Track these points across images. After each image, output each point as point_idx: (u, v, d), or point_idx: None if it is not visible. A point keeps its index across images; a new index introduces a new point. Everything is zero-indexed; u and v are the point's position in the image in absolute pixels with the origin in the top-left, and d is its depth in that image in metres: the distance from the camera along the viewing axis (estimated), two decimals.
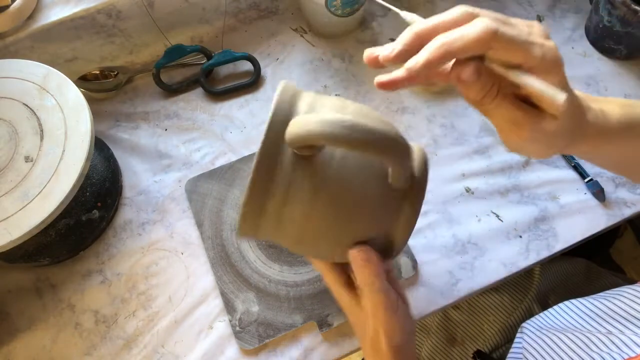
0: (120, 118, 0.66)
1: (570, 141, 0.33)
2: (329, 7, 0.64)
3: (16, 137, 0.51)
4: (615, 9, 0.62)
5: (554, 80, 0.29)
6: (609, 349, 0.42)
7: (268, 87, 0.68)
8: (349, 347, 0.53)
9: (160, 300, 0.55)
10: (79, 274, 0.57)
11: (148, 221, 0.59)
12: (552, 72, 0.29)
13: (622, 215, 0.59)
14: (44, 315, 0.55)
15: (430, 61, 0.27)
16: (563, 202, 0.60)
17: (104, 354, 0.53)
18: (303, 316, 0.53)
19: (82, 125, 0.51)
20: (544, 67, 0.28)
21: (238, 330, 0.53)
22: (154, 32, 0.68)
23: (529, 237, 0.58)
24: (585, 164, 0.61)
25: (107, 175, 0.58)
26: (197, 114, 0.66)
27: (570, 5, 0.74)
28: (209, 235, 0.58)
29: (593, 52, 0.70)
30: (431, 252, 0.57)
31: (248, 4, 0.71)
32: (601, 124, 0.34)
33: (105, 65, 0.68)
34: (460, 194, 0.60)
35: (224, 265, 0.56)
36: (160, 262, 0.57)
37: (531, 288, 0.65)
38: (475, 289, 0.55)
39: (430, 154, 0.63)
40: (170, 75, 0.69)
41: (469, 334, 0.66)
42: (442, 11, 0.29)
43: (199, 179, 0.61)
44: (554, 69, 0.29)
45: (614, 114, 0.35)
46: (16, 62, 0.55)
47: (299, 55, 0.70)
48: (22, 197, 0.48)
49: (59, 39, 0.63)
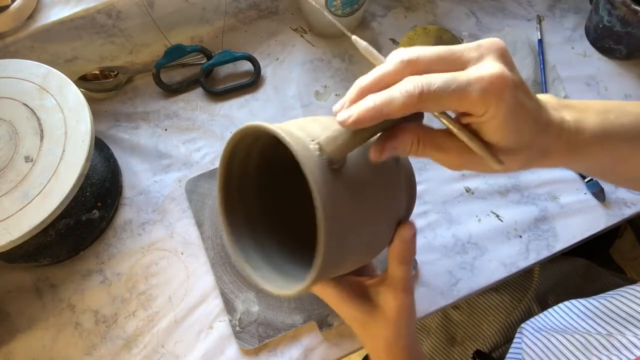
0: (120, 118, 0.66)
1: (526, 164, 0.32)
2: (329, 7, 0.64)
3: (16, 137, 0.51)
4: (615, 9, 0.62)
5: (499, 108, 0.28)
6: (608, 351, 0.42)
7: (268, 87, 0.68)
8: (349, 347, 0.53)
9: (160, 300, 0.55)
10: (79, 274, 0.57)
11: (148, 221, 0.59)
12: (493, 102, 0.28)
13: (622, 215, 0.59)
14: (44, 315, 0.55)
15: (360, 121, 0.28)
16: (563, 202, 0.60)
17: (104, 354, 0.53)
18: (303, 316, 0.53)
19: (82, 125, 0.51)
20: (484, 105, 0.28)
21: (238, 330, 0.53)
22: (154, 32, 0.68)
23: (529, 237, 0.58)
24: None
25: (107, 175, 0.58)
26: (197, 114, 0.66)
27: (570, 5, 0.74)
28: (209, 235, 0.58)
29: (593, 52, 0.70)
30: (431, 252, 0.57)
31: (248, 4, 0.71)
32: (572, 139, 0.33)
33: (105, 65, 0.68)
34: (460, 194, 0.60)
35: (224, 265, 0.56)
36: (160, 262, 0.57)
37: (531, 288, 0.65)
38: (475, 289, 0.55)
39: None
40: (170, 75, 0.69)
41: (468, 334, 0.66)
42: (442, 11, 0.30)
43: (199, 179, 0.61)
44: (495, 100, 0.28)
45: (588, 125, 0.33)
46: (16, 62, 0.55)
47: (299, 55, 0.70)
48: (22, 197, 0.48)
49: (59, 39, 0.63)
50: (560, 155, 0.33)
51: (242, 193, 0.41)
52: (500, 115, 0.28)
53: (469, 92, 0.27)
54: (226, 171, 0.38)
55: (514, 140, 0.30)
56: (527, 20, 0.73)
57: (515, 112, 0.29)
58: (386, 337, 0.40)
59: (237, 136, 0.35)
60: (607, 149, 0.34)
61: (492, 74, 0.28)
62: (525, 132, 0.30)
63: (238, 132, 0.35)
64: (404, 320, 0.40)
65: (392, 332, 0.40)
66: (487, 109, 0.28)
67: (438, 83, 0.27)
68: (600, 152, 0.34)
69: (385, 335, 0.40)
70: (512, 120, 0.29)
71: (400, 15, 0.72)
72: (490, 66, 0.28)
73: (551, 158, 0.33)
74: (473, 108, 0.28)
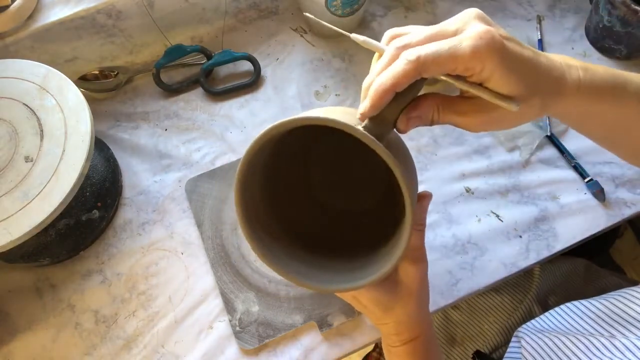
0: (120, 118, 0.66)
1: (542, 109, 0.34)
2: (329, 7, 0.64)
3: (16, 137, 0.51)
4: (615, 9, 0.62)
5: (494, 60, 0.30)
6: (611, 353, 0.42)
7: (268, 87, 0.68)
8: (349, 347, 0.53)
9: (160, 300, 0.55)
10: (79, 274, 0.57)
11: (148, 221, 0.59)
12: (487, 56, 0.30)
13: (622, 215, 0.59)
14: (44, 315, 0.55)
15: (375, 105, 0.31)
16: (563, 202, 0.60)
17: (104, 354, 0.53)
18: (303, 316, 0.53)
19: (82, 125, 0.51)
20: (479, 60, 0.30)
21: (238, 330, 0.53)
22: (154, 32, 0.68)
23: (529, 237, 0.58)
24: (585, 164, 0.61)
25: (107, 175, 0.58)
26: (197, 114, 0.66)
27: (570, 5, 0.74)
28: (209, 235, 0.58)
29: (593, 52, 0.70)
30: (431, 252, 0.57)
31: (248, 4, 0.71)
32: (583, 81, 0.34)
33: (105, 65, 0.68)
34: (460, 194, 0.60)
35: (224, 265, 0.56)
36: (160, 262, 0.57)
37: (531, 288, 0.65)
38: (475, 289, 0.55)
39: (430, 154, 0.63)
40: (170, 75, 0.69)
41: (469, 335, 0.66)
42: (442, 11, 0.31)
43: (199, 179, 0.61)
44: (488, 53, 0.30)
45: (598, 72, 0.35)
46: (16, 62, 0.55)
47: (299, 55, 0.70)
48: (22, 197, 0.48)
49: (59, 39, 0.63)
50: (572, 98, 0.34)
51: (257, 209, 0.41)
52: (498, 68, 0.30)
53: (462, 50, 0.30)
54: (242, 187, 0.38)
55: (521, 87, 0.31)
56: (527, 20, 0.73)
57: (512, 61, 0.31)
58: (409, 312, 0.42)
59: (258, 143, 0.35)
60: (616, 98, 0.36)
61: (479, 31, 0.30)
62: (529, 77, 0.32)
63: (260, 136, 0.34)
64: (424, 289, 0.43)
65: (414, 304, 0.41)
66: (484, 64, 0.30)
67: (433, 47, 0.30)
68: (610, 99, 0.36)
69: (409, 311, 0.42)
70: (512, 69, 0.31)
71: (400, 15, 0.72)
72: (475, 27, 0.31)
73: (565, 99, 0.34)
74: (470, 65, 0.30)
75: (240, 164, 0.36)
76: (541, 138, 0.63)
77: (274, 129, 0.33)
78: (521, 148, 0.63)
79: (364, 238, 0.45)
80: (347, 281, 0.38)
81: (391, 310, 0.42)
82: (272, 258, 0.39)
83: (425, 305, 0.44)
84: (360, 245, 0.44)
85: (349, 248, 0.44)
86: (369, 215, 0.49)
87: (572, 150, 0.62)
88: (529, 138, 0.63)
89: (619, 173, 0.61)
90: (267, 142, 0.35)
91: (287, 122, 0.33)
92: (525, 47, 0.32)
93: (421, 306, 0.43)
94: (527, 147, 0.62)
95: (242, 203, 0.38)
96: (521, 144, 0.63)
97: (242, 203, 0.38)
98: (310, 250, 0.43)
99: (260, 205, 0.41)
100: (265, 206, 0.42)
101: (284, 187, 0.47)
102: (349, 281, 0.38)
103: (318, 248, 0.44)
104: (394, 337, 0.44)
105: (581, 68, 0.35)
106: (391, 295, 0.41)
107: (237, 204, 0.38)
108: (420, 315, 0.43)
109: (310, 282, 0.39)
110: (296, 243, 0.43)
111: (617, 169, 0.61)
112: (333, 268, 0.41)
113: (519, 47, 0.32)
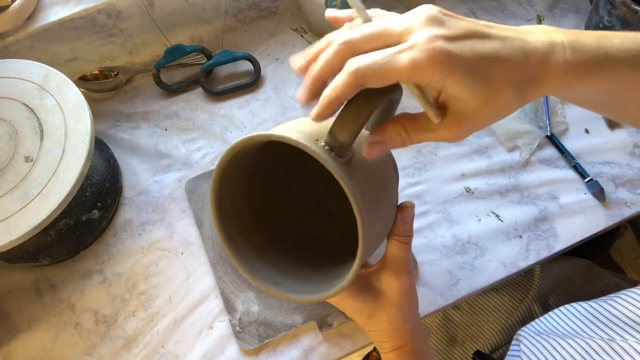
0: (120, 118, 0.66)
1: (521, 99, 0.31)
2: (329, 7, 0.64)
3: (16, 137, 0.51)
4: (615, 9, 0.62)
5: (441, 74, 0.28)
6: (610, 357, 0.42)
7: (268, 87, 0.68)
8: (349, 347, 0.53)
9: (160, 300, 0.55)
10: (79, 274, 0.57)
11: (148, 221, 0.59)
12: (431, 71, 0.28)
13: (622, 215, 0.59)
14: (44, 315, 0.55)
15: (321, 114, 0.31)
16: (563, 202, 0.60)
17: (104, 354, 0.53)
18: (303, 316, 0.53)
19: (82, 125, 0.51)
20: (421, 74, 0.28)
21: (238, 330, 0.53)
22: (154, 32, 0.68)
23: (529, 237, 0.58)
24: (585, 164, 0.61)
25: (107, 175, 0.58)
26: (197, 114, 0.66)
27: (570, 5, 0.74)
28: (209, 235, 0.58)
29: None
30: (431, 252, 0.57)
31: (248, 4, 0.71)
32: (571, 62, 0.31)
33: (105, 65, 0.68)
34: (460, 194, 0.60)
35: (224, 265, 0.56)
36: (160, 262, 0.57)
37: (531, 288, 0.65)
38: (475, 289, 0.55)
39: (430, 154, 0.63)
40: (170, 75, 0.69)
41: (469, 335, 0.66)
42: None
43: (199, 179, 0.61)
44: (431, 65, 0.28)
45: (587, 45, 0.32)
46: (16, 62, 0.55)
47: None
48: (22, 197, 0.48)
49: (59, 39, 0.63)
50: (558, 77, 0.31)
51: (238, 218, 0.42)
52: (448, 77, 0.28)
53: (399, 64, 0.28)
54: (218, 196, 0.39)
55: (484, 88, 0.29)
56: (527, 20, 0.73)
57: (464, 65, 0.28)
58: (392, 322, 0.41)
59: (230, 154, 0.36)
60: (608, 72, 0.33)
61: (421, 42, 0.28)
62: (493, 73, 0.29)
63: (231, 148, 0.35)
64: (407, 301, 0.41)
65: (397, 315, 0.41)
66: (429, 76, 0.28)
67: (371, 59, 0.28)
68: (601, 75, 0.32)
69: (391, 321, 0.41)
70: (466, 72, 0.28)
71: None
72: (418, 35, 0.28)
73: (547, 83, 0.31)
74: (413, 78, 0.28)
75: (212, 179, 0.37)
76: (541, 138, 0.63)
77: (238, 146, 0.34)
78: (521, 148, 0.63)
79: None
80: (315, 292, 0.38)
81: (374, 318, 0.41)
82: (245, 264, 0.40)
83: (412, 316, 0.43)
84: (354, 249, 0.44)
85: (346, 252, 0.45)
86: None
87: (572, 150, 0.62)
88: (529, 138, 0.63)
89: (619, 173, 0.61)
90: (236, 159, 0.36)
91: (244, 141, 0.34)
92: (488, 37, 0.30)
93: (406, 318, 0.42)
94: (527, 147, 0.62)
95: (219, 210, 0.39)
96: (521, 144, 0.63)
97: (218, 209, 0.39)
98: (297, 256, 0.44)
99: (244, 211, 0.42)
100: (251, 210, 0.43)
101: (281, 188, 0.47)
102: (316, 292, 0.38)
103: (310, 253, 0.44)
104: (379, 344, 0.44)
105: (568, 46, 0.31)
106: (372, 305, 0.41)
107: (213, 213, 0.39)
108: (405, 327, 0.42)
109: (279, 290, 0.39)
110: (281, 252, 0.44)
111: (617, 169, 0.61)
112: (311, 277, 0.41)
113: (479, 44, 0.29)
